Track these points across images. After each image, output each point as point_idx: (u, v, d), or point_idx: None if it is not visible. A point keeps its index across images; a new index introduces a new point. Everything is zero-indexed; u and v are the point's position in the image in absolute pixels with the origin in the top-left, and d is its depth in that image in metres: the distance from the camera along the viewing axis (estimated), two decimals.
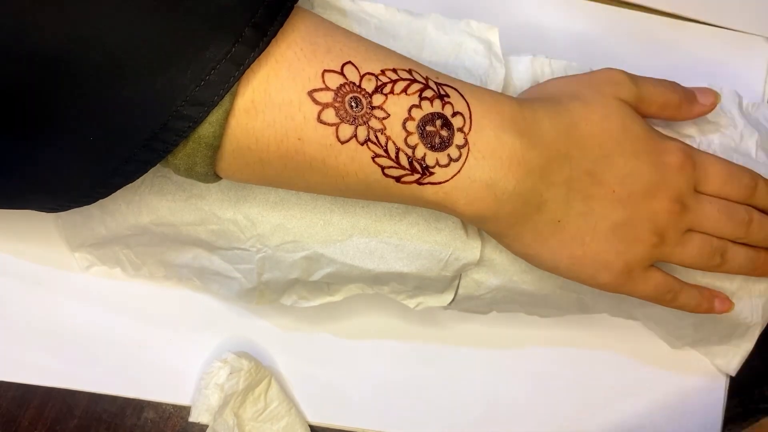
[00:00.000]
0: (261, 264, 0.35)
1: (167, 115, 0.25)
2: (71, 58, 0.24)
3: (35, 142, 0.26)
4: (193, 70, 0.25)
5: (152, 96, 0.25)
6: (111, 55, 0.25)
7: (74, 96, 0.25)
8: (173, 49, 0.25)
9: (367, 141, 0.28)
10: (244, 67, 0.26)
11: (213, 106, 0.26)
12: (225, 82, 0.26)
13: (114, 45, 0.25)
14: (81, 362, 0.40)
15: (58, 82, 0.25)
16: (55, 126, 0.26)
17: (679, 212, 0.34)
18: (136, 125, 0.26)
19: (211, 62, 0.25)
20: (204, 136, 0.27)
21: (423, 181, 0.29)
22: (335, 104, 0.28)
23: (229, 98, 0.26)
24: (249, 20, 0.26)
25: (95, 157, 0.27)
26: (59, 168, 0.27)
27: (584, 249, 0.33)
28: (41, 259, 0.40)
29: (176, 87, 0.25)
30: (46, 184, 0.28)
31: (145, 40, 0.25)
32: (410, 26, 0.37)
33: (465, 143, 0.30)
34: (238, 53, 0.26)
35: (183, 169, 0.28)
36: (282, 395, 0.40)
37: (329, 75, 0.28)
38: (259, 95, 0.27)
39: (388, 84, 0.29)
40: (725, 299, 0.38)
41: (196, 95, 0.25)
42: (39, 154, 0.27)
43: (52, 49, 0.24)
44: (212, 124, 0.26)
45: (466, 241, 0.35)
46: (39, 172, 0.28)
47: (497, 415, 0.43)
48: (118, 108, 0.25)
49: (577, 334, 0.44)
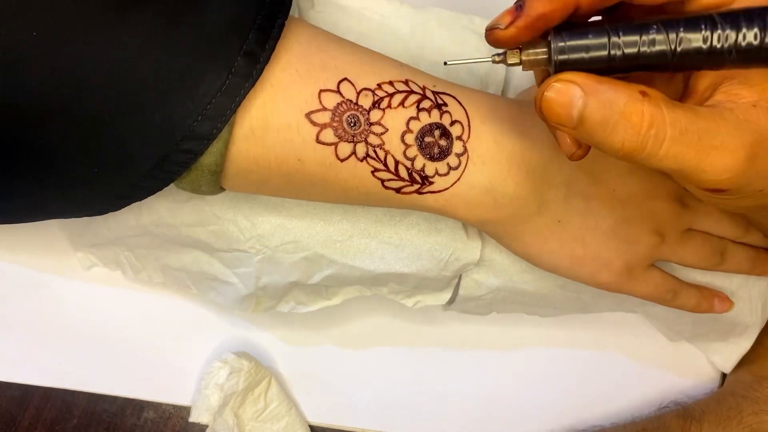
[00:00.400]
0: (260, 266, 0.35)
1: (169, 149, 0.26)
2: (67, 102, 0.25)
3: (39, 180, 0.27)
4: (189, 106, 0.25)
5: (152, 131, 0.25)
6: (107, 95, 0.25)
7: (74, 135, 0.25)
8: (168, 86, 0.25)
9: (366, 157, 0.29)
10: (240, 98, 0.26)
11: (212, 139, 0.26)
12: (222, 116, 0.26)
13: (109, 84, 0.25)
14: (81, 362, 0.40)
15: (61, 121, 0.25)
16: (62, 160, 0.26)
17: (679, 212, 0.34)
18: (139, 158, 0.26)
19: (206, 97, 0.25)
20: (207, 165, 0.27)
21: (423, 190, 0.30)
22: (333, 124, 0.28)
23: (228, 129, 0.26)
24: (240, 49, 0.26)
25: (99, 187, 0.27)
26: (70, 195, 0.28)
27: (584, 249, 0.33)
28: (42, 260, 0.40)
29: (174, 122, 0.25)
30: (55, 209, 0.29)
31: (140, 77, 0.25)
32: (412, 22, 0.37)
33: (464, 151, 0.30)
34: (233, 85, 0.26)
35: (189, 189, 0.29)
36: (282, 395, 0.40)
37: (326, 94, 0.28)
38: (256, 122, 0.27)
39: (385, 98, 0.29)
40: (725, 299, 0.38)
41: (194, 130, 0.25)
42: (50, 183, 0.27)
43: (54, 92, 0.24)
44: (213, 154, 0.27)
45: (466, 242, 0.35)
46: (47, 202, 0.28)
47: (497, 415, 0.43)
48: (119, 142, 0.26)
49: (576, 334, 0.44)
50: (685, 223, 0.35)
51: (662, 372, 0.44)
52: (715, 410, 0.39)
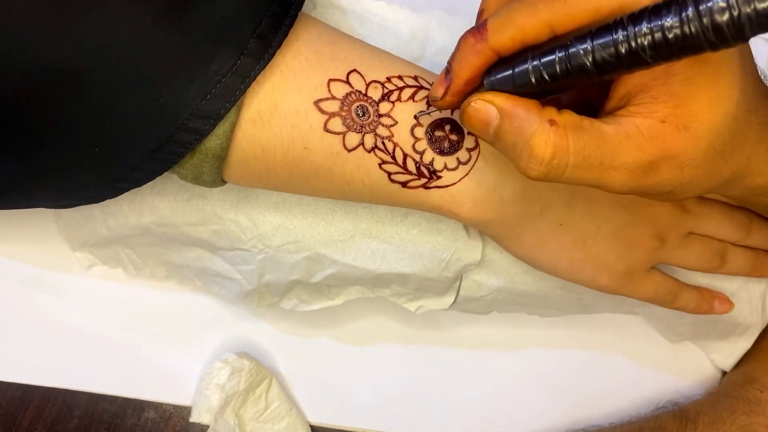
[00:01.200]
0: (262, 265, 0.35)
1: (173, 128, 0.25)
2: (76, 71, 0.24)
3: (42, 150, 0.26)
4: (198, 83, 0.25)
5: (157, 109, 0.25)
6: (115, 68, 0.25)
7: (79, 107, 0.25)
8: (178, 63, 0.25)
9: (374, 148, 0.28)
10: (250, 79, 0.26)
11: (219, 119, 0.26)
12: (231, 95, 0.26)
13: (118, 58, 0.24)
14: (81, 362, 0.40)
15: (63, 94, 0.25)
16: (60, 136, 0.26)
17: (680, 215, 0.34)
18: (142, 137, 0.26)
19: (217, 75, 0.25)
20: (211, 148, 0.27)
21: (430, 185, 0.30)
22: (342, 113, 0.28)
23: (235, 110, 0.26)
24: (253, 32, 0.26)
25: (101, 165, 0.27)
26: (66, 174, 0.27)
27: (585, 252, 0.33)
28: (42, 259, 0.40)
29: (182, 100, 0.25)
30: (54, 188, 0.28)
31: (149, 53, 0.25)
32: (413, 24, 0.37)
33: (476, 146, 0.30)
34: (244, 66, 0.26)
35: (190, 177, 0.28)
36: (283, 395, 0.40)
37: (335, 84, 0.28)
38: (265, 106, 0.27)
39: (395, 91, 0.29)
40: (725, 300, 0.38)
41: (201, 108, 0.25)
42: (46, 161, 0.27)
43: (58, 62, 0.24)
44: (219, 136, 0.26)
45: (467, 242, 0.35)
46: (46, 178, 0.28)
47: (497, 416, 0.43)
48: (123, 120, 0.25)
49: (576, 334, 0.44)
50: (686, 227, 0.35)
51: (661, 372, 0.44)
52: (710, 411, 0.39)
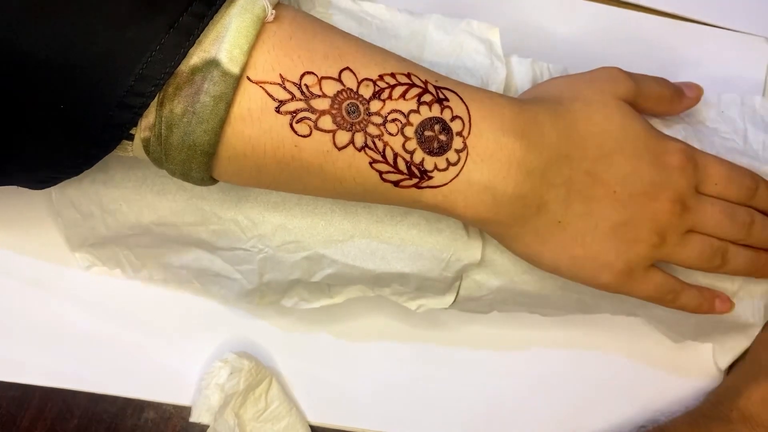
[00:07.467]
0: (262, 264, 0.35)
1: (136, 73, 0.25)
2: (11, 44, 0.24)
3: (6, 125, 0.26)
4: (157, 24, 0.25)
5: (122, 49, 0.25)
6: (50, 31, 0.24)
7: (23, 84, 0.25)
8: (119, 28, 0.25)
9: (364, 147, 0.28)
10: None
11: (182, 57, 0.25)
12: (190, 35, 0.25)
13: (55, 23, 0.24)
14: (81, 362, 0.40)
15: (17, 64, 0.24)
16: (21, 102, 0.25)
17: (680, 213, 0.34)
18: (106, 85, 0.25)
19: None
20: (199, 144, 0.27)
21: (421, 185, 0.30)
22: (332, 111, 0.28)
23: (225, 107, 0.26)
24: None
25: (69, 127, 0.26)
26: (34, 143, 0.27)
27: (585, 249, 0.33)
28: (41, 259, 0.40)
29: (145, 40, 0.25)
30: (25, 159, 0.28)
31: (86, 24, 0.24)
32: (411, 26, 0.37)
33: (464, 147, 0.30)
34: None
35: (179, 173, 0.28)
36: (283, 395, 0.40)
37: (326, 82, 0.28)
38: (254, 103, 0.27)
39: (386, 89, 0.29)
40: (726, 299, 0.38)
41: (165, 45, 0.25)
42: (12, 134, 0.26)
43: None
44: (208, 132, 0.26)
45: (467, 242, 0.35)
46: (14, 149, 0.27)
47: (497, 416, 0.43)
48: (85, 68, 0.25)
49: (577, 334, 0.44)
50: (686, 225, 0.34)
51: (663, 372, 0.44)
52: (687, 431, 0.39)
